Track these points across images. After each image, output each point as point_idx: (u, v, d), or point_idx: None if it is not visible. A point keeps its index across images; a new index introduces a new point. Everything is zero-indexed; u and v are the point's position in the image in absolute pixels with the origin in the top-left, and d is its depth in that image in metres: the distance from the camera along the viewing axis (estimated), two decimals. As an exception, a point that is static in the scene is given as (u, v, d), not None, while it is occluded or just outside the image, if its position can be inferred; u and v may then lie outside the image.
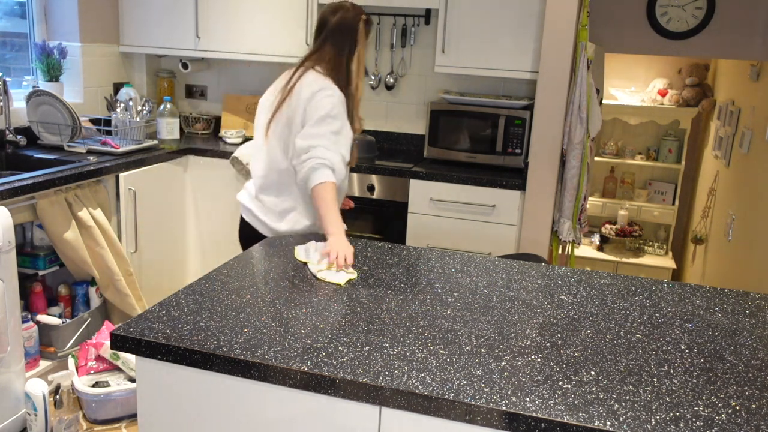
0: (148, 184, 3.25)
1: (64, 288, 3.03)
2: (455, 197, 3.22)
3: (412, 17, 3.70)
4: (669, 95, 5.01)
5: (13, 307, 2.45)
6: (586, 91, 3.04)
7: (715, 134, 4.61)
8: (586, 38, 3.01)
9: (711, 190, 4.53)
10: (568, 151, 3.11)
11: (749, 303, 1.74)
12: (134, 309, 3.04)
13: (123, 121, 3.36)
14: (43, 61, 3.36)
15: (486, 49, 3.29)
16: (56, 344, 2.88)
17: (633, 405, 1.19)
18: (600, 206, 5.32)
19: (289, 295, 1.61)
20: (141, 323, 1.41)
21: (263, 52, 3.63)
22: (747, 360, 1.40)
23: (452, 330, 1.46)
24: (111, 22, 3.76)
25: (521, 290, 1.73)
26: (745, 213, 3.65)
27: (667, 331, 1.53)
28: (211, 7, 3.63)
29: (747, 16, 3.48)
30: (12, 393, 2.49)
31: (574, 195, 3.16)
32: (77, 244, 2.79)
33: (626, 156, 5.25)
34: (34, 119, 3.24)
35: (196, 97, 4.22)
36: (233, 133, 3.75)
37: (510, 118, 3.32)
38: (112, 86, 3.79)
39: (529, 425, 1.14)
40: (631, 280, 1.87)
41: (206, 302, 1.53)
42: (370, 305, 1.57)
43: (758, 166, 3.49)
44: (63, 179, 2.74)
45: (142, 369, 1.39)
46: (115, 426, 2.65)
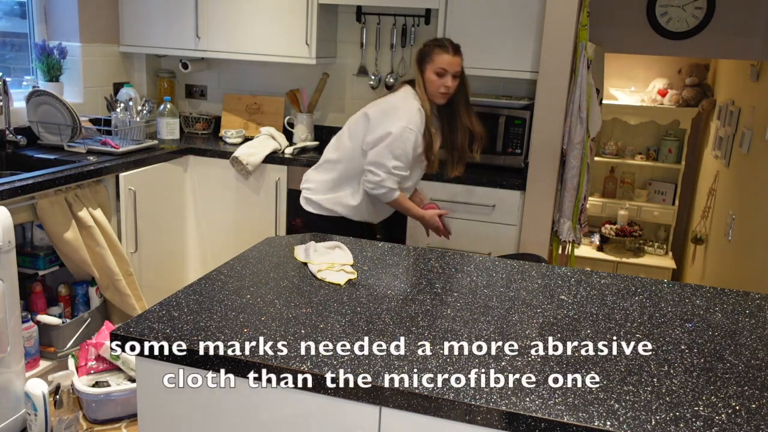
0: (148, 184, 3.25)
1: (64, 288, 3.03)
2: (455, 197, 3.21)
3: (412, 17, 3.70)
4: (669, 95, 5.01)
5: (13, 307, 2.45)
6: (586, 91, 3.04)
7: (715, 134, 4.61)
8: (586, 38, 3.01)
9: (711, 190, 4.53)
10: (568, 151, 3.11)
11: (749, 303, 1.74)
12: (134, 309, 3.04)
13: (123, 121, 3.36)
14: (43, 61, 3.36)
15: (486, 49, 3.29)
16: (56, 344, 2.88)
17: (633, 405, 1.19)
18: (600, 206, 5.32)
19: (289, 295, 1.61)
20: (141, 323, 1.41)
21: (263, 52, 3.63)
22: (747, 360, 1.40)
23: (452, 330, 1.46)
24: (111, 22, 3.76)
25: (521, 290, 1.73)
26: (745, 213, 3.65)
27: (667, 331, 1.53)
28: (211, 7, 3.63)
29: (747, 16, 3.48)
30: (12, 393, 2.49)
31: (574, 195, 3.16)
32: (77, 244, 2.79)
33: (626, 156, 5.25)
34: (34, 119, 3.24)
35: (196, 97, 4.22)
36: (233, 133, 3.75)
37: (510, 118, 3.32)
38: (112, 86, 3.79)
39: (529, 425, 1.14)
40: (631, 280, 1.87)
41: (206, 302, 1.53)
42: (370, 305, 1.57)
43: (758, 166, 3.49)
44: (63, 179, 2.74)
45: (142, 369, 1.39)
46: (115, 426, 2.65)
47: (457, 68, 2.55)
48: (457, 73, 2.56)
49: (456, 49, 2.56)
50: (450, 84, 2.53)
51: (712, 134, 4.79)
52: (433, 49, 2.55)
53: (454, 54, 2.54)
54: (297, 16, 3.53)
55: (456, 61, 2.54)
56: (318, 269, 1.78)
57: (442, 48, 2.54)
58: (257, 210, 3.54)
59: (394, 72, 3.80)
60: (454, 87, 2.56)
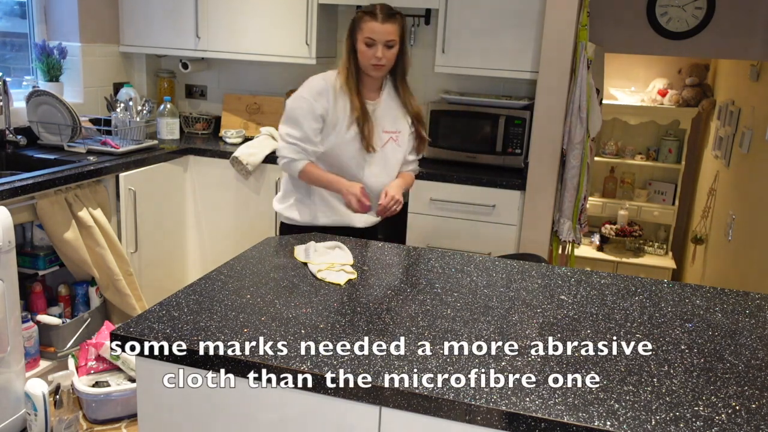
0: (148, 184, 3.25)
1: (64, 288, 3.03)
2: (455, 197, 3.22)
3: (412, 17, 3.70)
4: (669, 95, 5.01)
5: (13, 307, 2.45)
6: (586, 91, 3.04)
7: (715, 134, 4.61)
8: (586, 38, 3.01)
9: (711, 190, 4.53)
10: (568, 151, 3.11)
11: (749, 303, 1.74)
12: (134, 309, 3.04)
13: (123, 121, 3.36)
14: (43, 61, 3.36)
15: (486, 49, 3.29)
16: (56, 344, 2.88)
17: (633, 405, 1.19)
18: (600, 206, 5.32)
19: (289, 295, 1.61)
20: (141, 323, 1.41)
21: (263, 52, 3.63)
22: (747, 360, 1.40)
23: (452, 330, 1.46)
24: (111, 22, 3.76)
25: (521, 290, 1.73)
26: (745, 213, 3.65)
27: (667, 331, 1.53)
28: (211, 7, 3.63)
29: (747, 16, 3.48)
30: (12, 393, 2.49)
31: (574, 195, 3.16)
32: (77, 244, 2.79)
33: (626, 156, 5.25)
34: (34, 119, 3.24)
35: (196, 97, 4.22)
36: (233, 133, 3.75)
37: (510, 118, 3.32)
38: (112, 86, 3.79)
39: (529, 425, 1.14)
40: (631, 280, 1.87)
41: (206, 302, 1.53)
42: (370, 305, 1.57)
43: (758, 166, 3.49)
44: (63, 179, 2.74)
45: (142, 369, 1.39)
46: (115, 426, 2.65)
47: (389, 37, 2.23)
48: (391, 43, 2.24)
49: (388, 16, 2.24)
50: (380, 55, 2.23)
51: (712, 134, 4.79)
52: (362, 16, 2.26)
53: (383, 21, 2.22)
54: (297, 16, 3.54)
55: (386, 29, 2.22)
56: (318, 269, 1.78)
57: (371, 15, 2.24)
58: (257, 210, 3.54)
59: (394, 72, 3.80)
60: (387, 59, 2.26)
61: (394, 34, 2.24)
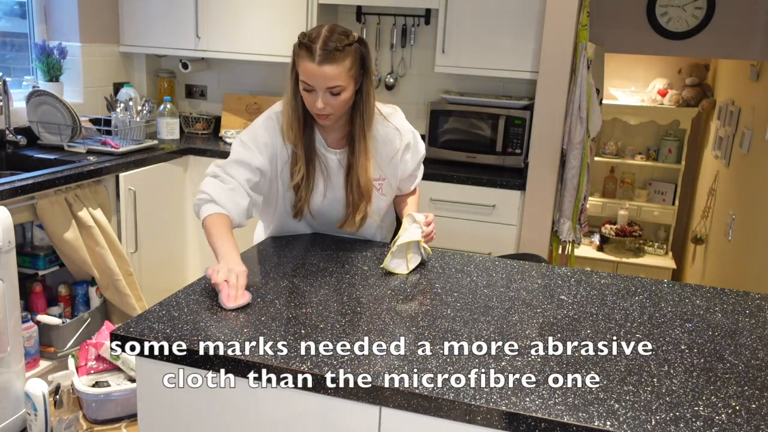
0: (148, 184, 3.25)
1: (64, 288, 3.03)
2: (455, 197, 3.22)
3: (412, 17, 3.70)
4: (669, 95, 5.01)
5: (13, 307, 2.45)
6: (586, 91, 3.04)
7: (715, 134, 4.61)
8: (586, 38, 3.01)
9: (711, 190, 4.53)
10: (568, 151, 3.11)
11: (749, 303, 1.74)
12: (134, 309, 3.04)
13: (123, 121, 3.36)
14: (43, 61, 3.36)
15: (486, 49, 3.29)
16: (56, 344, 2.88)
17: (633, 405, 1.19)
18: (600, 206, 5.32)
19: (289, 295, 1.61)
20: (141, 323, 1.41)
21: (263, 52, 3.63)
22: (747, 360, 1.40)
23: (452, 330, 1.46)
24: (111, 22, 3.76)
25: (521, 290, 1.73)
26: (745, 213, 3.65)
27: (667, 331, 1.53)
28: (211, 7, 3.63)
29: (747, 16, 3.48)
30: (12, 393, 2.49)
31: (574, 195, 3.16)
32: (77, 244, 2.79)
33: (626, 156, 5.25)
34: (34, 119, 3.24)
35: (196, 97, 4.22)
36: (233, 133, 3.75)
37: (510, 118, 3.32)
38: (112, 86, 3.79)
39: (529, 425, 1.14)
40: (631, 280, 1.87)
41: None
42: (370, 305, 1.57)
43: (758, 166, 3.49)
44: (63, 179, 2.74)
45: (142, 369, 1.39)
46: (115, 426, 2.65)
47: (329, 83, 1.68)
48: (335, 90, 1.69)
49: (327, 55, 1.65)
50: (321, 105, 1.70)
51: (712, 134, 4.79)
52: (297, 50, 1.70)
53: (321, 62, 1.65)
54: (297, 16, 3.53)
55: (325, 73, 1.66)
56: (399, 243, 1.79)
57: (307, 50, 1.66)
58: (257, 210, 3.53)
59: (394, 72, 3.80)
60: (333, 107, 1.73)
61: (339, 79, 1.68)
